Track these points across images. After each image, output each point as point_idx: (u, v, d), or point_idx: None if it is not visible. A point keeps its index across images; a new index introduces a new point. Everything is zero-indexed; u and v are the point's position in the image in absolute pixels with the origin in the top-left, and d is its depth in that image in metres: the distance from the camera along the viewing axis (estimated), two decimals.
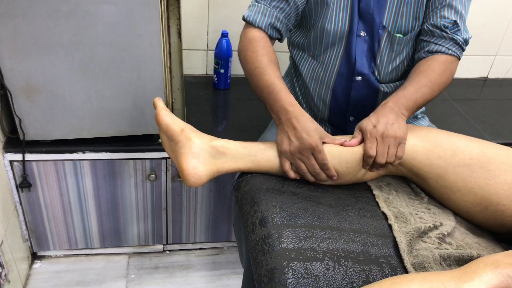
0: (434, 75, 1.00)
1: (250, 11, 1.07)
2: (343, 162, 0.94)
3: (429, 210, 0.94)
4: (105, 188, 1.39)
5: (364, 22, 1.07)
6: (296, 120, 0.92)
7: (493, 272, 0.64)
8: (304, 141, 0.90)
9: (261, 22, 1.06)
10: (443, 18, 1.03)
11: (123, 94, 1.22)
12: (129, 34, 1.12)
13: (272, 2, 1.06)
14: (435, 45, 1.04)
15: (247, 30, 1.08)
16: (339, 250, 0.75)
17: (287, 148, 0.91)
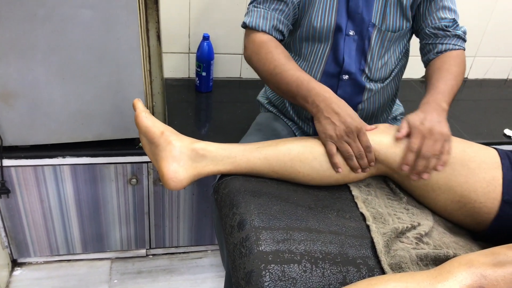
0: (454, 68, 1.06)
1: (250, 17, 1.07)
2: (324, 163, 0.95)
3: (408, 210, 0.95)
4: (86, 193, 1.37)
5: (353, 22, 1.08)
6: (336, 105, 0.94)
7: (467, 271, 0.65)
8: (349, 124, 0.92)
9: (264, 25, 1.05)
10: (441, 19, 1.10)
11: (102, 98, 1.21)
12: (107, 38, 1.12)
13: (270, 5, 1.06)
14: (442, 45, 1.10)
15: (252, 36, 1.07)
16: (316, 252, 0.75)
17: (333, 133, 0.93)
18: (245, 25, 1.08)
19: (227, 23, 1.66)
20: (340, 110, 0.93)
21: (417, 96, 1.81)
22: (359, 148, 0.93)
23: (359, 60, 1.12)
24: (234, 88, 1.75)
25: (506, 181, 0.92)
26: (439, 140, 0.91)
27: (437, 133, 0.91)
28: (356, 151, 0.93)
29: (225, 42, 1.70)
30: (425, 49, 1.14)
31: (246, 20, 1.08)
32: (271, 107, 1.32)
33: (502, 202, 0.91)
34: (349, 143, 0.93)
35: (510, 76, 2.10)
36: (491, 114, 1.78)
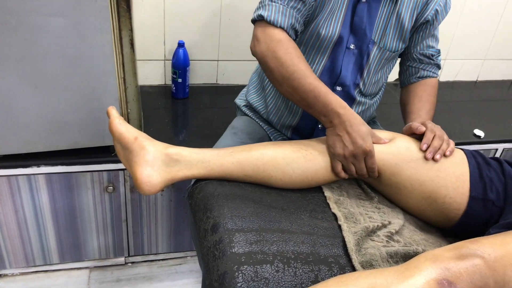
0: (432, 98, 1.19)
1: (267, 11, 1.01)
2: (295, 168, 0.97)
3: (379, 210, 0.97)
4: (62, 202, 1.36)
5: (355, 36, 1.11)
6: (349, 124, 0.95)
7: (432, 265, 0.67)
8: (359, 146, 0.94)
9: (283, 22, 1.01)
10: (429, 47, 1.20)
11: (77, 106, 1.20)
12: (80, 46, 1.12)
13: (290, 2, 1.02)
14: (424, 71, 1.22)
15: (270, 31, 1.01)
16: (289, 252, 0.77)
17: (341, 152, 0.95)
18: (261, 18, 1.02)
19: (202, 30, 1.68)
20: (352, 130, 0.94)
21: (390, 99, 1.85)
22: (362, 170, 0.97)
23: (355, 74, 1.15)
24: (210, 94, 1.77)
25: (473, 179, 0.96)
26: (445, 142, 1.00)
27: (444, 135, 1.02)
28: (359, 172, 0.97)
29: (200, 48, 1.72)
30: (408, 71, 1.23)
31: (263, 13, 1.01)
32: (249, 111, 1.33)
33: (470, 198, 0.94)
34: (354, 164, 0.96)
35: (479, 78, 2.16)
36: (462, 115, 1.83)
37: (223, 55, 1.76)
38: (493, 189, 0.94)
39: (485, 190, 0.94)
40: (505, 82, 2.19)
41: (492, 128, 1.74)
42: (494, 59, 2.11)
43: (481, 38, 2.03)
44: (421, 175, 0.95)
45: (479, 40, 2.03)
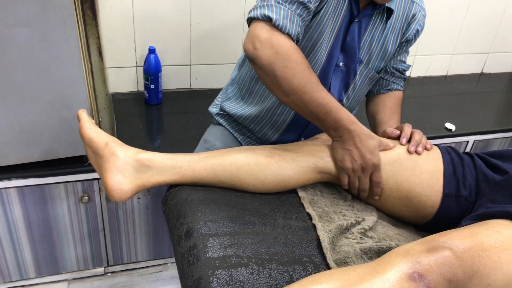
0: (399, 109, 1.25)
1: (276, 14, 0.91)
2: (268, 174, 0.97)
3: (353, 208, 0.98)
4: (36, 215, 1.34)
5: (345, 55, 1.11)
6: (359, 139, 0.95)
7: (403, 260, 0.69)
8: (367, 161, 0.95)
9: (292, 30, 0.92)
10: (401, 62, 1.25)
11: (46, 117, 1.19)
12: (46, 56, 1.10)
13: (296, 8, 0.93)
14: (394, 84, 1.26)
15: (277, 36, 0.91)
16: (263, 254, 0.77)
17: (349, 166, 0.96)
18: (267, 20, 0.92)
19: (172, 35, 1.67)
20: (362, 145, 0.95)
21: None
22: (366, 185, 0.98)
23: (341, 90, 1.17)
24: (184, 99, 1.76)
25: (447, 176, 0.97)
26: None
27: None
28: (362, 187, 0.98)
29: (172, 53, 1.71)
30: (379, 81, 1.27)
31: (271, 15, 0.91)
32: (223, 120, 1.30)
33: (443, 195, 0.96)
34: (360, 178, 0.97)
35: (449, 72, 2.21)
36: (433, 109, 1.86)
37: (195, 59, 1.76)
38: (466, 185, 0.96)
39: (458, 187, 0.96)
40: (474, 76, 2.25)
41: (463, 121, 1.78)
42: (462, 54, 2.16)
43: (449, 34, 2.08)
44: (398, 176, 0.97)
45: (447, 35, 2.08)
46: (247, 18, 0.97)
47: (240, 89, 1.25)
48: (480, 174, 0.98)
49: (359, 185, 0.98)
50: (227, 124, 1.29)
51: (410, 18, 1.15)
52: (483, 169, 0.98)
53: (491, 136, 1.78)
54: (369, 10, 1.07)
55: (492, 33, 2.15)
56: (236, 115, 1.24)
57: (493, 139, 1.79)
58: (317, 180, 1.01)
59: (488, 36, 2.16)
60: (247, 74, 1.21)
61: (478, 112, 1.89)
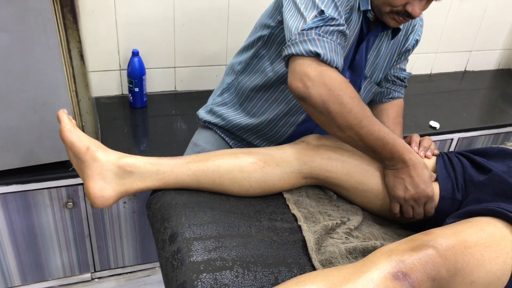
0: (402, 119, 1.28)
1: (323, 48, 0.88)
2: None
3: (338, 208, 0.98)
4: (20, 222, 1.32)
5: (352, 72, 1.12)
6: (413, 168, 0.94)
7: (387, 259, 0.69)
8: (421, 191, 0.93)
9: (338, 63, 0.90)
10: (401, 70, 1.26)
11: (28, 122, 1.17)
12: (27, 61, 1.09)
13: (337, 38, 0.91)
14: (395, 92, 1.27)
15: (326, 71, 0.88)
16: (248, 256, 0.77)
17: (402, 195, 0.95)
18: (315, 55, 0.88)
19: (156, 38, 1.66)
20: (416, 174, 0.94)
21: None
22: (420, 214, 0.97)
23: None
24: (169, 102, 1.75)
25: (442, 179, 0.98)
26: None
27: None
28: (416, 216, 0.97)
29: (156, 56, 1.70)
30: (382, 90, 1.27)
31: (319, 51, 0.87)
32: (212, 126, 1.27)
33: (440, 199, 0.96)
34: (413, 207, 0.96)
35: (433, 71, 2.23)
36: (417, 107, 1.88)
37: (179, 61, 1.75)
38: (459, 187, 0.97)
39: (453, 190, 0.97)
40: (457, 74, 2.27)
41: (447, 118, 1.80)
42: (445, 52, 2.18)
43: (432, 32, 2.09)
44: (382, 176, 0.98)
45: (430, 34, 2.09)
46: (284, 55, 0.92)
47: (238, 96, 1.21)
48: (467, 174, 0.98)
49: (413, 214, 0.97)
50: (217, 129, 1.26)
51: (410, 29, 1.17)
52: (468, 169, 0.99)
53: (475, 133, 1.80)
54: (378, 29, 1.07)
55: (474, 31, 2.18)
56: (231, 123, 1.21)
57: (477, 136, 1.81)
58: (302, 185, 1.00)
59: (471, 34, 2.18)
60: (249, 84, 1.17)
61: (462, 109, 1.91)
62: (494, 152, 1.03)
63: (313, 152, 0.98)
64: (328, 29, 0.89)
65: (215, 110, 1.25)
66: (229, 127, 1.23)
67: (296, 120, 1.14)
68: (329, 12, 0.89)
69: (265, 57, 1.12)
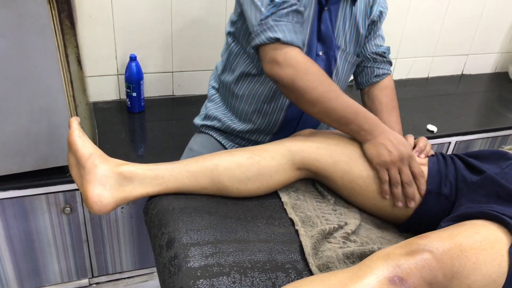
0: (395, 102, 1.27)
1: (281, 32, 0.96)
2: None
3: (335, 211, 0.98)
4: (17, 228, 1.32)
5: (323, 44, 1.14)
6: (390, 133, 0.99)
7: (384, 264, 0.69)
8: (403, 151, 0.97)
9: (298, 41, 0.98)
10: (378, 46, 1.25)
11: (25, 128, 1.17)
12: (24, 67, 1.09)
13: (294, 17, 0.99)
14: (379, 69, 1.26)
15: (290, 52, 0.97)
16: (245, 262, 0.77)
17: (387, 158, 0.96)
18: (276, 40, 0.97)
19: (153, 42, 1.67)
20: (394, 137, 0.98)
21: None
22: (409, 175, 0.97)
23: None
24: (167, 107, 1.75)
25: (430, 172, 0.99)
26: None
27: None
28: (406, 178, 0.97)
29: (153, 61, 1.70)
30: (364, 71, 1.27)
31: (278, 36, 0.96)
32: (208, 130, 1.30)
33: (427, 192, 0.97)
34: (401, 170, 0.97)
35: (430, 74, 2.23)
36: (415, 111, 1.88)
37: (177, 66, 1.75)
38: (447, 184, 0.98)
39: (440, 185, 0.98)
40: (455, 77, 2.28)
41: (444, 122, 1.80)
42: (442, 56, 2.18)
43: (429, 36, 2.10)
44: (371, 169, 0.98)
45: (427, 38, 2.10)
46: (253, 45, 1.01)
47: (225, 94, 1.27)
48: (459, 175, 0.99)
49: (402, 178, 0.97)
50: (213, 132, 1.29)
51: (372, 1, 1.18)
52: (462, 170, 1.00)
53: (473, 136, 1.80)
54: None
55: (471, 35, 2.19)
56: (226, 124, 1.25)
57: (474, 139, 1.81)
58: (298, 177, 1.01)
59: (467, 38, 2.19)
60: (230, 79, 1.22)
61: (459, 113, 1.91)
62: (487, 154, 1.04)
63: (303, 142, 1.00)
64: (282, 12, 0.97)
65: (209, 114, 1.29)
66: (225, 128, 1.26)
67: (283, 104, 1.17)
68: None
69: (239, 51, 1.18)
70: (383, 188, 0.98)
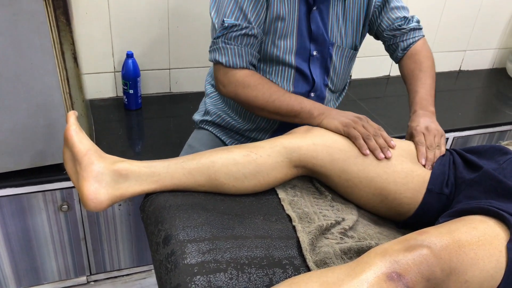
0: (425, 64, 1.19)
1: (225, 56, 1.07)
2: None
3: (333, 207, 0.98)
4: (14, 226, 1.32)
5: (315, 43, 1.14)
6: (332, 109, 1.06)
7: (382, 260, 0.68)
8: (355, 115, 1.03)
9: (241, 62, 1.07)
10: (394, 20, 1.20)
11: (22, 125, 1.17)
12: (20, 64, 1.08)
13: (243, 40, 1.06)
14: (403, 43, 1.22)
15: (232, 73, 1.08)
16: (242, 258, 0.76)
17: (348, 120, 1.00)
18: (218, 63, 1.08)
19: (150, 39, 1.66)
20: (337, 111, 1.05)
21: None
22: (374, 126, 1.01)
23: (323, 76, 1.20)
24: (164, 104, 1.75)
25: (434, 173, 0.98)
26: (437, 136, 1.04)
27: (434, 129, 1.05)
28: (373, 130, 0.99)
29: (150, 58, 1.70)
30: (390, 50, 1.26)
31: (220, 59, 1.07)
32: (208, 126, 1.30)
33: (426, 191, 0.96)
34: (364, 126, 1.00)
35: None
36: None
37: (174, 63, 1.75)
38: (449, 184, 0.97)
39: (441, 185, 0.97)
40: (452, 73, 2.27)
41: (442, 118, 1.78)
42: (440, 52, 2.18)
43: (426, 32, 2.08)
44: (369, 171, 0.97)
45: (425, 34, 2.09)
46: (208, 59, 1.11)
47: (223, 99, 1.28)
48: (458, 171, 0.99)
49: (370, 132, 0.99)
50: (213, 128, 1.28)
51: None
52: (461, 167, 0.99)
53: (470, 132, 1.80)
54: None
55: (468, 31, 2.18)
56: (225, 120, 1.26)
57: (472, 135, 1.81)
58: (295, 175, 1.01)
59: (465, 34, 2.19)
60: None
61: (457, 109, 1.91)
62: (485, 149, 1.03)
63: (300, 139, 0.99)
64: (232, 35, 1.05)
65: (209, 110, 1.29)
66: (225, 124, 1.26)
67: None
68: (231, 20, 1.04)
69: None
70: (360, 143, 0.98)
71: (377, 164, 0.98)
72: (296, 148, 0.97)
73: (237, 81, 1.08)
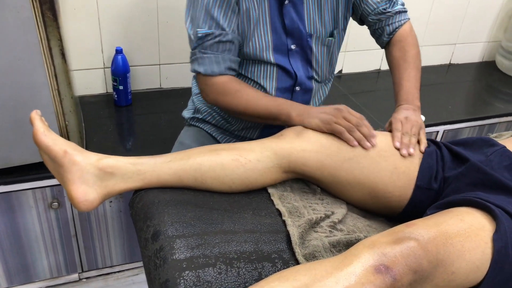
0: (410, 54, 1.18)
1: (202, 65, 1.08)
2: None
3: (322, 201, 0.99)
4: (4, 224, 1.31)
5: (292, 37, 1.13)
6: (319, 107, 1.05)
7: (369, 252, 0.69)
8: (335, 107, 1.01)
9: (219, 69, 1.08)
10: (378, 4, 1.18)
11: (9, 123, 1.16)
12: (6, 60, 1.07)
13: (218, 48, 1.07)
14: (388, 27, 1.20)
15: (211, 81, 1.09)
16: (231, 253, 0.76)
17: (330, 116, 0.99)
18: (198, 73, 1.09)
19: (139, 35, 1.65)
20: (321, 107, 1.04)
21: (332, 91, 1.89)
22: (356, 116, 1.00)
23: (306, 68, 1.18)
24: (154, 99, 1.74)
25: (422, 169, 0.98)
26: (415, 127, 1.04)
27: (413, 120, 1.06)
28: (355, 121, 0.99)
29: (140, 53, 1.69)
30: (376, 34, 1.24)
31: (199, 69, 1.08)
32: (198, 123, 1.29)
33: (415, 187, 0.96)
34: (346, 118, 0.99)
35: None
36: None
37: (164, 58, 1.74)
38: (438, 178, 0.97)
39: (430, 180, 0.97)
40: (442, 67, 2.28)
41: (432, 111, 1.81)
42: (430, 45, 2.19)
43: (416, 26, 2.08)
44: (357, 174, 0.96)
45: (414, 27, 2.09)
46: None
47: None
48: (446, 166, 0.99)
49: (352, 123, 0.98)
50: (204, 125, 1.28)
51: None
52: (449, 161, 0.99)
53: (460, 125, 1.81)
54: None
55: (458, 24, 2.19)
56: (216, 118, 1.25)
57: (462, 128, 1.83)
58: (284, 179, 1.00)
59: (455, 27, 2.20)
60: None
61: (447, 102, 1.92)
62: (472, 141, 1.03)
63: (290, 145, 0.97)
64: (207, 44, 1.06)
65: (199, 108, 1.28)
66: (215, 122, 1.25)
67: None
68: (204, 30, 1.05)
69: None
70: (346, 137, 0.98)
71: (363, 166, 0.97)
72: (287, 155, 0.96)
73: (218, 89, 1.09)
